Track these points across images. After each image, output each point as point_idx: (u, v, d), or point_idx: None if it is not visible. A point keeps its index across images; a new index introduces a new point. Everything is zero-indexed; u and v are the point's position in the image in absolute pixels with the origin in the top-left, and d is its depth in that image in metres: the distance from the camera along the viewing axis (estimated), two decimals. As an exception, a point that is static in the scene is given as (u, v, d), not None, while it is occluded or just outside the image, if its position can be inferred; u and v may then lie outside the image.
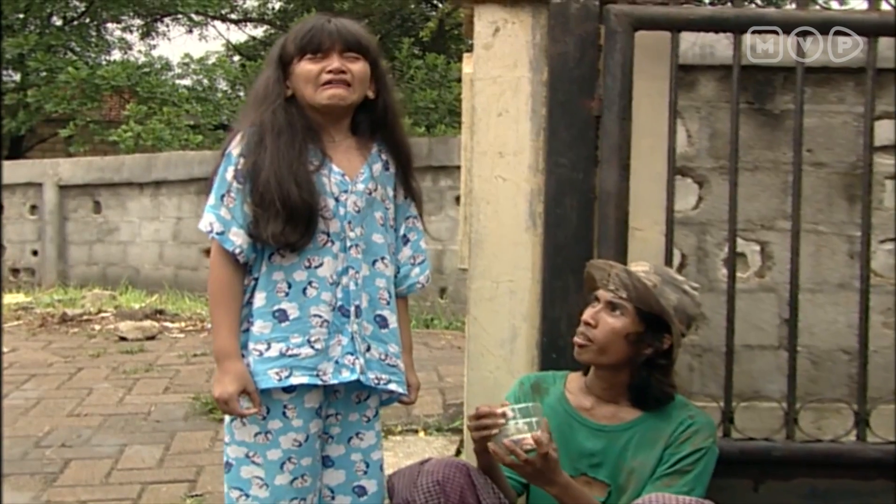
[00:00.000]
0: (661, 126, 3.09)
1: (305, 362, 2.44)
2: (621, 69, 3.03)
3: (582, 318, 2.60)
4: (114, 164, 11.81)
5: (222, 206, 2.44)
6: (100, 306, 9.23)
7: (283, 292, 2.45)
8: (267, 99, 2.49)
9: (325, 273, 2.46)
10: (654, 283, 2.54)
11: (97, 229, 11.78)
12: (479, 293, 3.20)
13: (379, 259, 2.55)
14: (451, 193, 9.45)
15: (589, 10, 3.11)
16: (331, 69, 2.45)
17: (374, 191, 2.55)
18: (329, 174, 2.48)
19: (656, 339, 2.53)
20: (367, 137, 2.60)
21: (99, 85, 15.36)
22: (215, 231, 2.43)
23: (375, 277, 2.54)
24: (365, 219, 2.53)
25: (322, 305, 2.46)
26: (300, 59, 2.49)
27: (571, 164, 3.12)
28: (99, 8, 18.85)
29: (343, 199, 2.49)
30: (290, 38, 2.54)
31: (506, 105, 3.19)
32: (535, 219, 3.19)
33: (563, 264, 3.08)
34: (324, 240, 2.46)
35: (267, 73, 2.55)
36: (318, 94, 2.47)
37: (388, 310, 2.57)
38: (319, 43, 2.47)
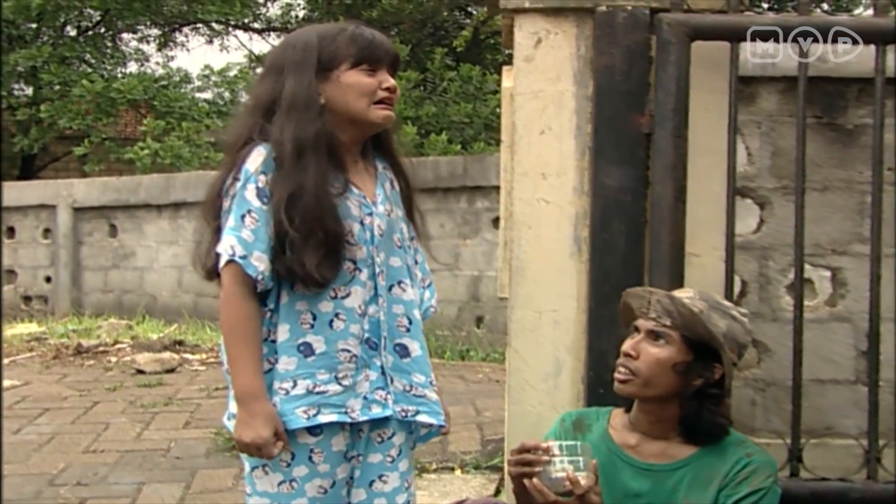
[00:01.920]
0: (719, 143, 3.07)
1: (333, 399, 2.39)
2: (676, 83, 3.01)
3: (622, 349, 2.56)
4: (130, 185, 11.89)
5: (244, 228, 2.33)
6: (116, 337, 9.30)
7: (307, 324, 2.39)
8: (309, 109, 2.38)
9: (353, 304, 2.41)
10: (699, 308, 2.50)
11: (113, 254, 11.86)
12: (520, 324, 3.19)
13: (396, 284, 2.50)
14: (488, 216, 9.42)
15: (638, 20, 3.09)
16: (388, 86, 2.41)
17: (392, 211, 2.51)
18: (350, 197, 2.43)
19: (706, 369, 2.49)
20: (370, 156, 2.55)
21: (114, 99, 15.52)
22: (237, 255, 2.32)
23: (392, 304, 2.49)
24: (386, 242, 2.49)
25: (351, 339, 2.40)
26: (351, 69, 2.41)
27: (619, 185, 3.10)
28: (114, 17, 19.06)
29: (367, 222, 2.44)
30: (329, 43, 2.43)
31: (548, 122, 3.18)
32: (581, 244, 3.17)
33: (610, 293, 3.03)
34: (350, 268, 2.41)
35: (296, 77, 2.41)
36: (373, 111, 2.41)
37: (408, 337, 2.50)
38: (378, 56, 2.42)
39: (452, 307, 9.56)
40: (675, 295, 2.53)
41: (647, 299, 2.54)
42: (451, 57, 16.92)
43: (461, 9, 20.35)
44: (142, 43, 21.75)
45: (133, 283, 11.72)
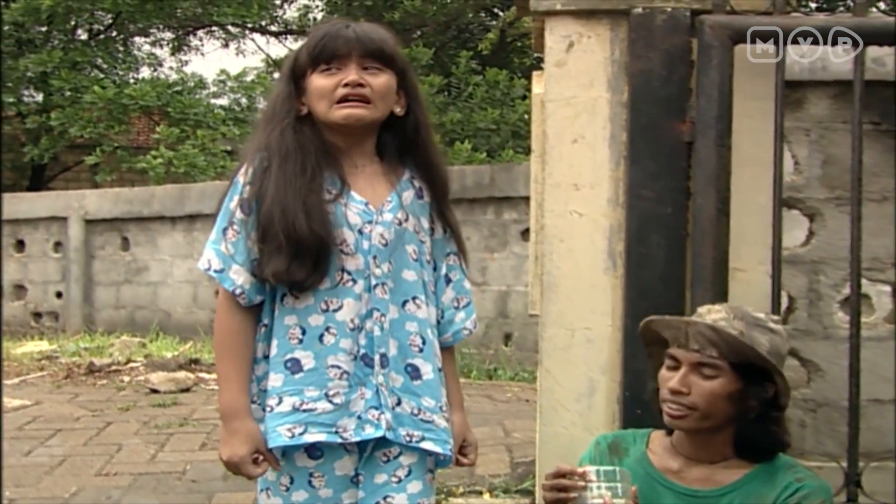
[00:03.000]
0: (765, 152, 3.03)
1: (322, 418, 2.35)
2: (718, 88, 2.98)
3: (667, 386, 2.52)
4: (144, 196, 11.95)
5: (223, 241, 2.38)
6: (129, 355, 9.35)
7: (296, 339, 2.37)
8: (275, 118, 2.43)
9: (345, 317, 2.37)
10: (740, 330, 2.47)
11: (125, 268, 11.91)
12: (552, 342, 3.18)
13: (410, 300, 2.45)
14: (517, 228, 9.40)
15: (678, 22, 3.07)
16: (347, 82, 2.37)
17: (405, 221, 2.46)
18: (348, 203, 2.40)
19: (761, 390, 2.48)
20: (396, 161, 2.50)
21: (127, 105, 15.62)
22: (213, 268, 2.37)
23: (405, 321, 2.44)
24: (394, 253, 2.43)
25: (341, 354, 2.37)
26: (313, 72, 2.41)
27: (658, 196, 3.08)
28: (126, 20, 19.19)
29: (367, 231, 2.41)
30: (302, 48, 2.46)
31: (581, 130, 3.16)
32: (616, 259, 3.16)
33: (648, 309, 2.96)
34: (344, 278, 2.38)
35: (277, 88, 2.49)
36: (333, 112, 2.39)
37: (420, 358, 2.45)
38: (334, 51, 2.39)
39: (479, 324, 9.43)
40: (713, 320, 2.50)
41: (684, 330, 2.51)
42: (477, 61, 16.94)
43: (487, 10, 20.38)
44: (155, 47, 21.95)
45: (146, 298, 11.76)
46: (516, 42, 19.35)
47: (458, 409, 2.59)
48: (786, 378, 2.50)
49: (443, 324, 2.56)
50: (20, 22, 17.47)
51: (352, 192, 2.42)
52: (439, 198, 2.55)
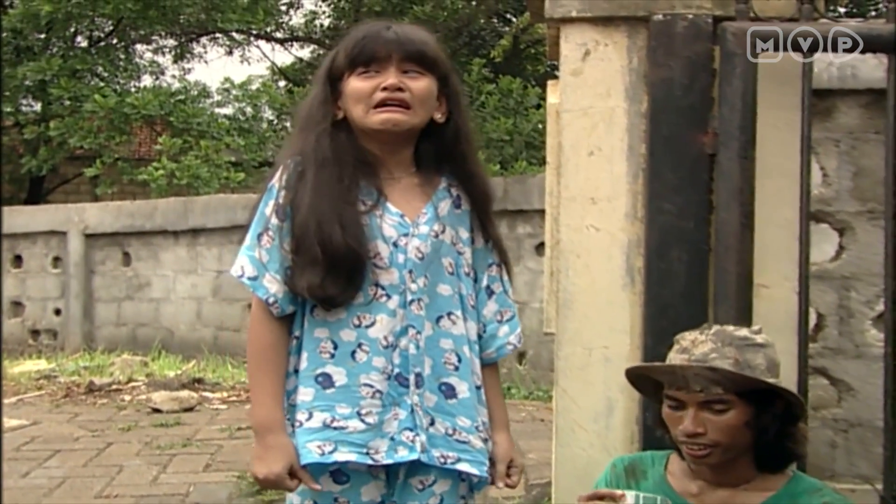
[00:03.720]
0: (791, 164, 3.01)
1: (354, 437, 2.32)
2: (742, 97, 2.95)
3: (680, 428, 2.52)
4: (145, 210, 11.97)
5: (258, 248, 2.36)
6: (130, 374, 9.40)
7: (328, 353, 2.35)
8: (310, 123, 2.42)
9: (378, 334, 2.35)
10: (734, 358, 2.48)
11: (126, 284, 11.94)
12: (568, 361, 3.16)
13: (445, 315, 2.43)
14: (531, 242, 9.38)
15: (700, 29, 3.04)
16: (385, 86, 2.35)
17: (442, 233, 2.43)
18: (384, 215, 2.38)
19: (772, 407, 2.51)
20: (434, 170, 2.48)
21: (128, 115, 15.69)
22: (247, 276, 2.35)
23: (440, 338, 2.41)
24: (430, 267, 2.41)
25: (374, 373, 2.34)
26: (350, 75, 2.39)
27: (679, 210, 3.06)
28: (127, 26, 19.26)
29: (402, 244, 2.38)
30: (340, 50, 2.44)
31: (598, 141, 3.14)
32: (634, 275, 3.14)
33: (668, 327, 2.97)
34: (378, 293, 2.36)
35: (313, 91, 2.48)
36: (370, 117, 2.36)
37: (455, 376, 2.42)
38: (373, 53, 2.37)
39: None
40: (709, 361, 2.50)
41: (681, 374, 2.51)
42: (489, 68, 16.96)
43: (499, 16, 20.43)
44: (157, 54, 22.05)
45: (148, 315, 11.78)
46: (530, 49, 19.39)
47: (503, 429, 2.55)
48: (791, 390, 2.54)
49: (485, 339, 2.54)
50: (18, 29, 17.57)
51: (388, 203, 2.40)
52: (480, 208, 2.53)
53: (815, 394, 3.29)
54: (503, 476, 2.50)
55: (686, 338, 2.57)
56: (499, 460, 2.50)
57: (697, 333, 2.57)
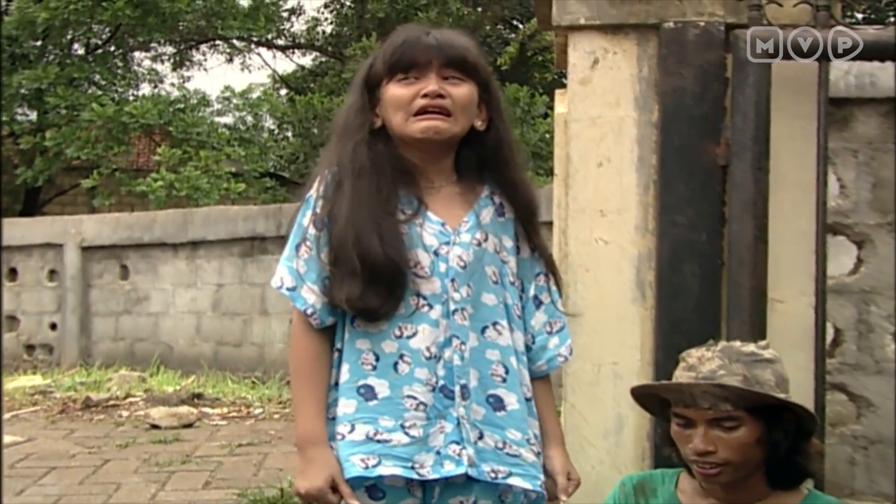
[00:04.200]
0: (807, 175, 3.01)
1: (398, 451, 2.30)
2: (755, 107, 2.95)
3: (690, 447, 2.52)
4: (144, 222, 11.97)
5: (296, 258, 2.36)
6: (128, 390, 9.40)
7: (369, 365, 2.33)
8: (347, 132, 2.41)
9: (420, 345, 2.33)
10: (742, 374, 2.49)
11: (124, 298, 11.93)
12: (577, 377, 3.17)
13: (490, 325, 2.40)
14: (539, 252, 9.36)
15: (712, 36, 3.05)
16: (426, 93, 2.34)
17: (484, 241, 2.42)
18: (424, 224, 2.37)
19: (783, 423, 2.52)
20: (475, 178, 2.47)
21: (126, 124, 15.72)
22: (286, 287, 2.36)
23: (486, 349, 2.39)
24: (473, 276, 2.39)
25: (417, 385, 2.32)
26: (389, 81, 2.38)
27: (691, 222, 3.06)
28: (125, 34, 19.30)
29: (444, 252, 2.37)
30: (378, 55, 2.43)
31: (607, 152, 3.15)
32: (645, 289, 3.15)
33: (680, 342, 2.94)
34: (419, 303, 2.34)
35: (350, 99, 2.47)
36: (410, 124, 2.36)
37: (503, 388, 2.39)
38: (413, 59, 2.36)
39: None
40: (717, 377, 2.51)
41: (689, 392, 2.51)
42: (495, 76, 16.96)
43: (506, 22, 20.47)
44: (156, 62, 22.09)
45: (147, 330, 11.77)
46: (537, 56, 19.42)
47: (558, 443, 2.54)
48: (802, 405, 2.53)
49: (535, 350, 2.51)
50: (14, 36, 17.62)
51: (428, 212, 2.39)
52: (525, 217, 2.53)
53: (834, 410, 3.29)
54: (566, 489, 2.48)
55: (692, 355, 2.57)
56: (557, 473, 2.47)
57: (704, 350, 2.57)
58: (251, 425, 7.94)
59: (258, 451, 6.94)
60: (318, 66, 24.40)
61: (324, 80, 22.02)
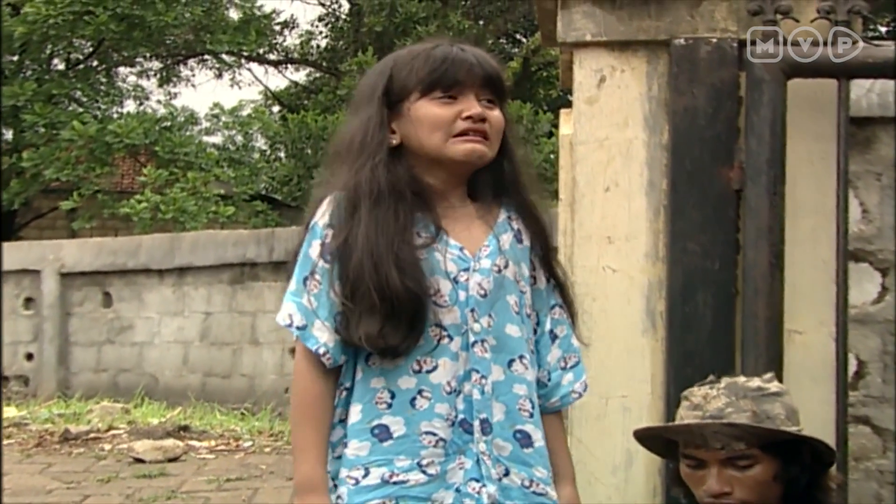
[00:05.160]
0: (826, 199, 3.02)
1: (416, 491, 2.28)
2: (770, 127, 2.96)
3: (704, 489, 2.53)
4: (128, 247, 11.98)
5: (305, 293, 2.31)
6: (110, 422, 9.36)
7: (384, 403, 2.30)
8: (364, 150, 2.35)
9: (441, 379, 2.30)
10: (752, 410, 2.51)
11: (107, 327, 11.93)
12: (584, 410, 3.17)
13: (517, 359, 2.38)
14: (543, 279, 9.37)
15: (725, 54, 3.06)
16: (470, 115, 2.32)
17: (505, 268, 2.39)
18: (444, 249, 2.34)
19: (799, 457, 2.54)
20: (491, 201, 2.45)
21: (110, 144, 15.72)
22: (296, 325, 2.30)
23: (513, 383, 2.36)
24: (494, 305, 2.36)
25: (437, 420, 2.29)
26: (423, 97, 2.34)
27: (703, 250, 3.07)
28: (109, 48, 19.31)
29: (463, 279, 2.34)
30: (402, 68, 2.38)
31: (615, 176, 3.15)
32: (656, 319, 3.16)
33: (693, 375, 2.93)
34: (439, 335, 2.31)
35: (364, 113, 2.39)
36: (452, 146, 2.32)
37: (531, 424, 2.37)
38: (455, 78, 2.34)
39: None
40: (725, 415, 2.52)
41: (699, 433, 2.53)
42: (498, 92, 17.00)
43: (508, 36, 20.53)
44: (141, 78, 22.11)
45: (131, 360, 11.78)
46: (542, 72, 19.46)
47: (570, 482, 2.52)
48: (817, 437, 2.54)
49: (549, 387, 2.49)
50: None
51: (447, 236, 2.36)
52: (543, 244, 2.50)
53: (858, 444, 3.30)
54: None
55: (696, 394, 2.58)
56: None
57: (707, 388, 2.58)
58: (240, 459, 7.92)
59: (248, 486, 6.93)
60: (312, 83, 24.47)
61: (318, 97, 22.05)
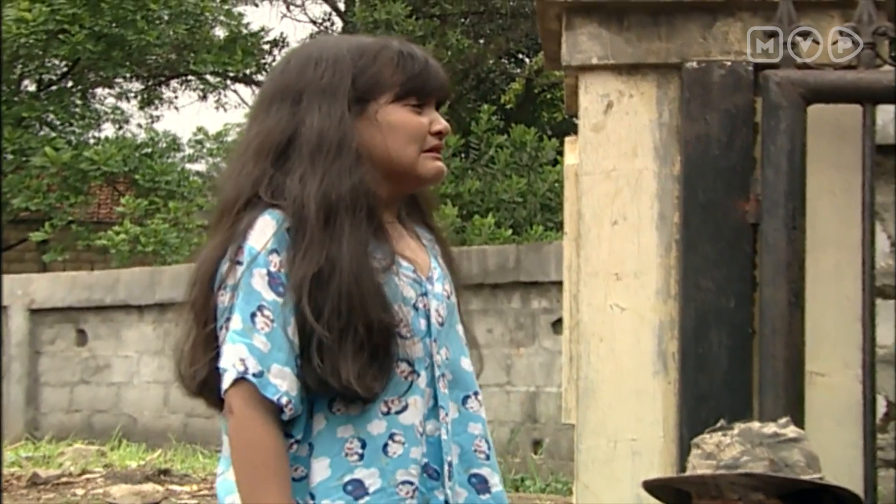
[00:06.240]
0: (850, 233, 3.03)
1: None
2: (789, 157, 2.97)
3: None
4: (106, 281, 12.01)
5: (255, 332, 2.09)
6: (84, 465, 9.35)
7: (355, 455, 2.17)
8: (342, 153, 2.16)
9: (413, 419, 2.19)
10: (769, 458, 2.52)
11: (81, 366, 11.94)
12: (591, 454, 3.18)
13: (472, 395, 2.31)
14: (547, 318, 9.42)
15: (740, 78, 3.07)
16: (440, 129, 2.25)
17: (452, 294, 2.31)
18: (400, 272, 2.20)
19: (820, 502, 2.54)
20: (403, 219, 2.33)
21: (85, 171, 15.70)
22: (251, 372, 2.07)
23: (468, 421, 2.29)
24: (449, 335, 2.29)
25: (413, 466, 2.19)
26: (395, 101, 2.22)
27: (718, 287, 3.08)
28: (85, 68, 19.28)
29: (422, 305, 2.23)
30: (369, 65, 2.24)
31: (623, 209, 3.16)
32: (667, 360, 3.16)
33: (707, 419, 2.96)
34: (406, 371, 2.19)
35: (327, 108, 2.19)
36: (423, 161, 2.23)
37: (487, 467, 2.31)
38: (431, 87, 2.26)
39: (504, 429, 9.59)
40: (741, 464, 2.52)
41: (714, 484, 2.54)
42: (500, 116, 17.02)
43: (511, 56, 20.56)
44: (120, 100, 22.06)
45: (107, 401, 11.78)
46: (546, 94, 19.50)
47: None
48: (839, 485, 2.55)
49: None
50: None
51: (398, 257, 2.22)
52: (457, 278, 2.39)
53: (889, 489, 3.30)
54: None
55: (708, 442, 2.59)
56: None
57: (720, 436, 2.59)
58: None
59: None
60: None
61: (308, 119, 21.97)
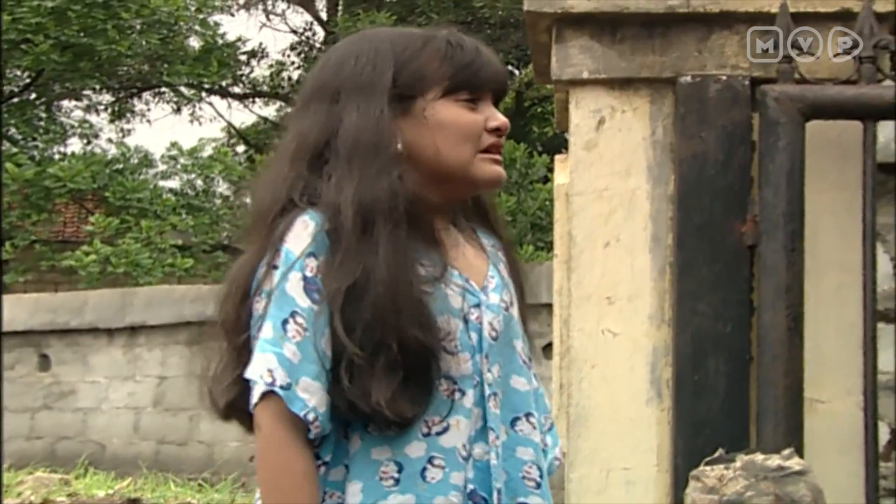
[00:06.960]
0: (851, 255, 3.04)
1: None
2: (787, 176, 2.98)
3: None
4: (72, 304, 11.98)
5: (286, 341, 2.00)
6: (46, 494, 9.28)
7: (390, 479, 2.08)
8: (379, 155, 2.06)
9: (455, 442, 2.09)
10: (775, 494, 2.55)
11: (44, 392, 11.91)
12: (582, 484, 3.19)
13: (523, 417, 2.19)
14: (537, 342, 9.30)
15: (737, 93, 3.09)
16: (497, 126, 2.12)
17: (511, 305, 2.19)
18: (449, 282, 2.10)
19: None
20: (463, 226, 2.23)
21: (50, 189, 15.63)
22: (279, 383, 1.98)
23: (517, 445, 2.17)
24: (503, 351, 2.17)
25: (453, 493, 2.09)
26: (443, 97, 2.11)
27: (715, 312, 3.09)
28: (50, 80, 19.16)
29: (474, 318, 2.12)
30: (413, 58, 2.13)
31: (616, 230, 3.17)
32: (661, 387, 3.18)
33: (705, 448, 2.99)
34: (449, 389, 2.08)
35: (365, 107, 2.09)
36: (479, 163, 2.12)
37: (537, 496, 2.19)
38: (484, 79, 2.13)
39: None
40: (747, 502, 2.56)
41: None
42: (489, 130, 17.04)
43: (501, 67, 20.58)
44: (89, 112, 21.96)
45: (73, 427, 11.74)
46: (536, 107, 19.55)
47: None
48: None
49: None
50: None
51: (450, 266, 2.12)
52: (521, 286, 2.30)
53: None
54: None
55: (709, 475, 2.59)
56: None
57: (722, 469, 2.62)
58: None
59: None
60: (282, 118, 24.41)
61: (288, 134, 21.97)
